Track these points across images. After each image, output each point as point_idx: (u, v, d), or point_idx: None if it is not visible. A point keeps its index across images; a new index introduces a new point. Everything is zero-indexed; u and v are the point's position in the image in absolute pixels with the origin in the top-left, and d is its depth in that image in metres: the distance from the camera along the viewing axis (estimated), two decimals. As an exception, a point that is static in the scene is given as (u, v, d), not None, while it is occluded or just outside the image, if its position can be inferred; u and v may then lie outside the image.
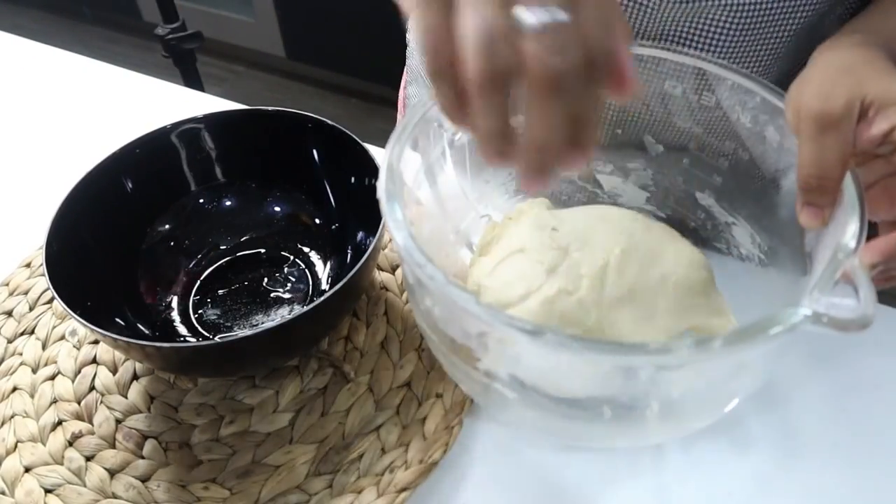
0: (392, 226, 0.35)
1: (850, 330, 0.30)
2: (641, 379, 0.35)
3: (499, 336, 0.35)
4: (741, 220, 0.47)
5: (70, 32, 2.37)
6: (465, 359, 0.38)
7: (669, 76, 0.46)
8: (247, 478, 0.45)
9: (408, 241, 0.34)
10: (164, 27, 1.45)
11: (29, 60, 0.85)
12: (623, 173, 0.53)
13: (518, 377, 0.38)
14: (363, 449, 0.46)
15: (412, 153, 0.42)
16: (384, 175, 0.37)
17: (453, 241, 0.50)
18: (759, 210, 0.45)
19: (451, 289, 0.32)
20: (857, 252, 0.33)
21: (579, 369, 0.36)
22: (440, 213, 0.48)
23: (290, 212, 0.58)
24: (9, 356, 0.52)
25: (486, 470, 0.45)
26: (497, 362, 0.37)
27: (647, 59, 0.46)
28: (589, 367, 0.35)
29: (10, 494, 0.44)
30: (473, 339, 0.36)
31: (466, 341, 0.37)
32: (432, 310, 0.38)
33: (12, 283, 0.57)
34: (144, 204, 0.55)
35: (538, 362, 0.37)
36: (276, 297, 0.54)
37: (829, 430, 0.46)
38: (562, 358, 0.34)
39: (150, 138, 0.54)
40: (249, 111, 0.57)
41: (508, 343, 0.35)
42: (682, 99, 0.46)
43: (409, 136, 0.40)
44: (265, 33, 2.10)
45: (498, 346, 0.36)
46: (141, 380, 0.50)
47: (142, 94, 0.79)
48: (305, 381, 0.49)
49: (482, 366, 0.38)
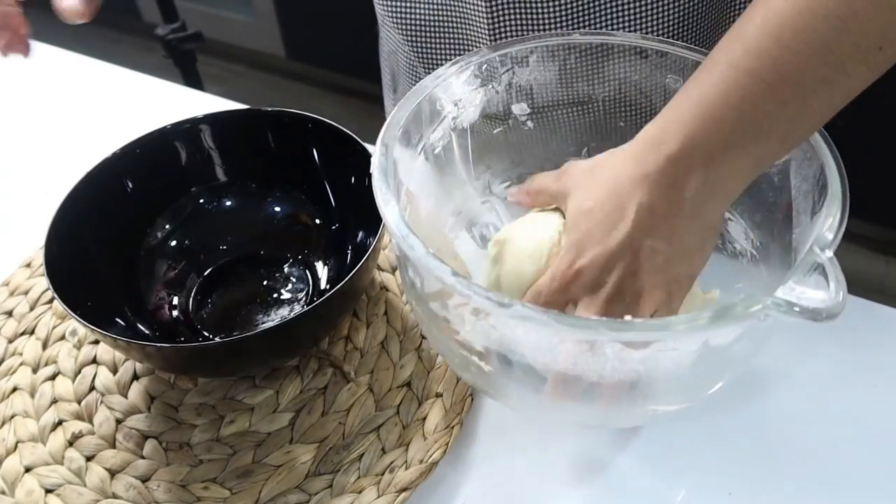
0: (380, 199, 0.37)
1: (818, 319, 0.31)
2: (609, 356, 0.36)
3: (473, 307, 0.36)
4: (737, 216, 0.47)
5: (70, 32, 2.37)
6: (446, 331, 0.39)
7: (671, 70, 0.46)
8: (247, 478, 0.45)
9: (395, 213, 0.36)
10: (164, 27, 1.46)
11: (29, 60, 0.85)
12: None
13: (492, 350, 0.39)
14: (363, 449, 0.46)
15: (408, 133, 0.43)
16: (378, 152, 0.39)
17: (452, 223, 0.51)
18: (753, 205, 0.45)
19: (429, 259, 0.34)
20: (833, 245, 0.34)
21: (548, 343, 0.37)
22: (441, 195, 0.49)
23: (290, 212, 0.58)
24: (9, 356, 0.52)
25: (486, 470, 0.45)
26: (473, 335, 0.38)
27: (651, 51, 0.46)
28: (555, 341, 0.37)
29: (10, 494, 0.44)
30: (451, 310, 0.38)
31: (445, 313, 0.38)
32: (415, 281, 0.39)
33: (12, 283, 0.57)
34: (144, 204, 0.55)
35: (510, 334, 0.38)
36: (276, 297, 0.54)
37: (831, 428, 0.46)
38: (531, 330, 0.36)
39: (150, 138, 0.54)
40: (249, 111, 0.57)
41: (482, 315, 0.36)
42: None
43: (406, 115, 0.42)
44: (265, 33, 2.10)
45: (472, 317, 0.37)
46: (141, 380, 0.50)
47: (142, 94, 0.79)
48: (305, 381, 0.49)
49: (460, 338, 0.39)
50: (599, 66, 0.48)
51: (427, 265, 0.34)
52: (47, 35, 0.90)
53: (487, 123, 0.51)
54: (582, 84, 0.49)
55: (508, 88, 0.49)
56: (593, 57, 0.48)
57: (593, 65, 0.48)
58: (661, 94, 0.48)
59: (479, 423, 0.47)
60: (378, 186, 0.38)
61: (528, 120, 0.51)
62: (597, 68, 0.49)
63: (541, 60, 0.48)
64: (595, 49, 0.47)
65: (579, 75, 0.49)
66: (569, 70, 0.49)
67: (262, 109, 0.56)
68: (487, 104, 0.49)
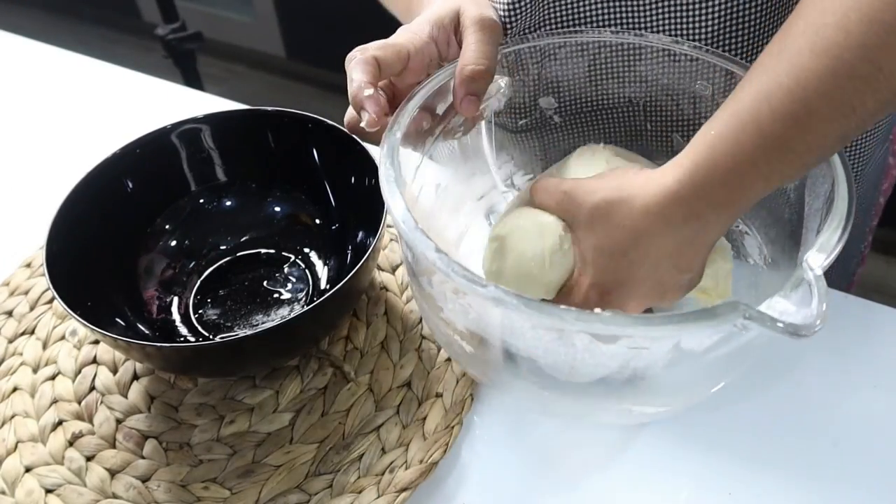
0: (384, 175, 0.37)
1: (796, 335, 0.31)
2: (578, 348, 0.36)
3: (453, 286, 0.36)
4: (753, 231, 0.47)
5: (70, 32, 2.37)
6: (432, 307, 0.40)
7: (701, 76, 0.45)
8: (247, 478, 0.45)
9: (393, 189, 0.37)
10: (164, 27, 1.46)
11: (29, 60, 0.85)
12: None
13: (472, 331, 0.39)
14: (363, 449, 0.46)
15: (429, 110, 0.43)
16: (389, 130, 0.39)
17: (471, 208, 0.51)
18: (770, 220, 0.45)
19: (417, 233, 0.35)
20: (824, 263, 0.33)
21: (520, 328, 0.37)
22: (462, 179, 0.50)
23: (290, 212, 0.58)
24: (9, 356, 0.52)
25: (486, 470, 0.45)
26: (454, 314, 0.39)
27: (681, 56, 0.45)
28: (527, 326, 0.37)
29: (10, 494, 0.44)
30: (435, 287, 0.38)
31: (430, 289, 0.39)
32: (407, 257, 0.40)
33: (12, 283, 0.57)
34: (144, 204, 0.55)
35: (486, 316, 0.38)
36: (276, 297, 0.54)
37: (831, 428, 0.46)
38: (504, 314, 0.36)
39: (150, 138, 0.54)
40: (249, 111, 0.57)
41: (460, 294, 0.37)
42: (711, 101, 0.46)
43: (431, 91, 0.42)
44: (265, 33, 2.10)
45: (453, 296, 0.38)
46: (141, 380, 0.50)
47: (142, 94, 0.79)
48: (305, 381, 0.49)
49: (444, 316, 0.39)
50: (629, 66, 0.48)
51: (414, 239, 0.35)
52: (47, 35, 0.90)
53: (513, 114, 0.51)
54: (611, 83, 0.49)
55: (537, 81, 0.49)
56: (624, 56, 0.47)
57: (623, 64, 0.48)
58: (689, 100, 0.47)
59: (479, 423, 0.47)
60: (384, 163, 0.38)
61: (554, 114, 0.51)
62: (627, 68, 0.48)
63: (570, 56, 0.48)
64: (626, 48, 0.47)
65: (609, 74, 0.49)
66: (598, 68, 0.48)
67: (262, 109, 0.56)
68: (514, 95, 0.48)
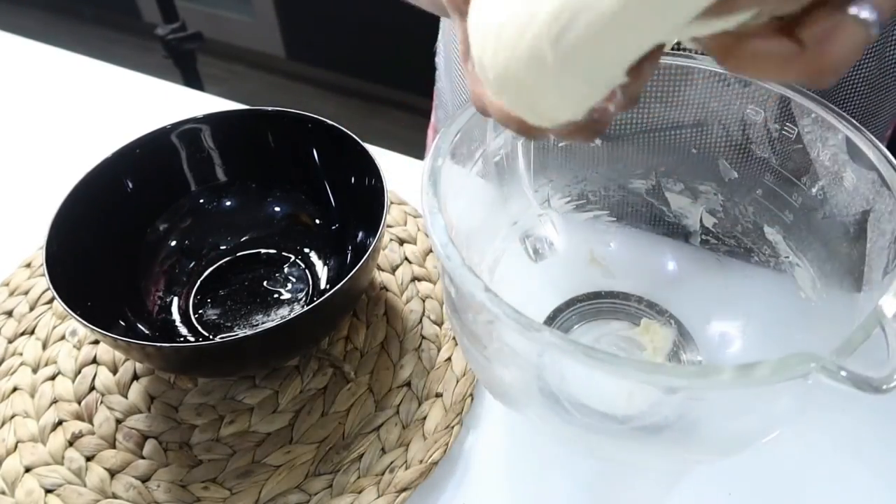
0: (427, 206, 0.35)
1: (865, 389, 0.28)
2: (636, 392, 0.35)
3: (498, 325, 0.34)
4: (805, 263, 0.44)
5: (70, 32, 2.38)
6: (476, 345, 0.38)
7: (753, 100, 0.44)
8: (247, 478, 0.45)
9: (437, 220, 0.35)
10: (164, 27, 1.46)
11: (29, 60, 0.85)
12: (692, 194, 0.50)
13: (522, 371, 0.37)
14: (363, 449, 0.46)
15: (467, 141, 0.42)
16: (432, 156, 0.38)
17: (506, 232, 0.50)
18: (824, 254, 0.43)
19: (463, 271, 0.32)
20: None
21: (575, 372, 0.36)
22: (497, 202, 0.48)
23: (290, 212, 0.58)
24: (9, 356, 0.52)
25: (486, 470, 0.45)
26: (502, 353, 0.36)
27: (732, 79, 0.43)
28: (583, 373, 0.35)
29: (10, 494, 0.44)
30: (481, 325, 0.36)
31: (474, 327, 0.37)
32: (450, 293, 0.38)
33: (12, 283, 0.57)
34: (144, 204, 0.55)
35: (537, 360, 0.36)
36: (276, 297, 0.54)
37: (831, 428, 0.46)
38: (555, 359, 0.34)
39: (150, 138, 0.54)
40: (249, 111, 0.57)
41: (509, 336, 0.35)
42: (763, 127, 0.44)
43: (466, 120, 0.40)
44: (265, 33, 2.10)
45: (499, 336, 0.35)
46: (141, 380, 0.50)
47: (142, 94, 0.79)
48: (305, 381, 0.49)
49: (488, 353, 0.37)
50: (677, 89, 0.46)
51: (461, 277, 0.32)
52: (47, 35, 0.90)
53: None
54: (657, 105, 0.47)
55: None
56: (672, 78, 0.46)
57: (671, 87, 0.46)
58: (738, 125, 0.46)
59: (479, 423, 0.47)
60: (426, 191, 0.36)
61: None
62: (674, 91, 0.46)
63: None
64: (675, 71, 0.45)
65: (655, 96, 0.47)
66: (645, 89, 0.46)
67: (262, 109, 0.56)
68: None
